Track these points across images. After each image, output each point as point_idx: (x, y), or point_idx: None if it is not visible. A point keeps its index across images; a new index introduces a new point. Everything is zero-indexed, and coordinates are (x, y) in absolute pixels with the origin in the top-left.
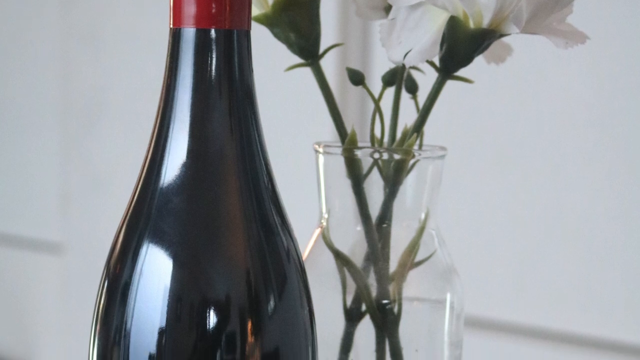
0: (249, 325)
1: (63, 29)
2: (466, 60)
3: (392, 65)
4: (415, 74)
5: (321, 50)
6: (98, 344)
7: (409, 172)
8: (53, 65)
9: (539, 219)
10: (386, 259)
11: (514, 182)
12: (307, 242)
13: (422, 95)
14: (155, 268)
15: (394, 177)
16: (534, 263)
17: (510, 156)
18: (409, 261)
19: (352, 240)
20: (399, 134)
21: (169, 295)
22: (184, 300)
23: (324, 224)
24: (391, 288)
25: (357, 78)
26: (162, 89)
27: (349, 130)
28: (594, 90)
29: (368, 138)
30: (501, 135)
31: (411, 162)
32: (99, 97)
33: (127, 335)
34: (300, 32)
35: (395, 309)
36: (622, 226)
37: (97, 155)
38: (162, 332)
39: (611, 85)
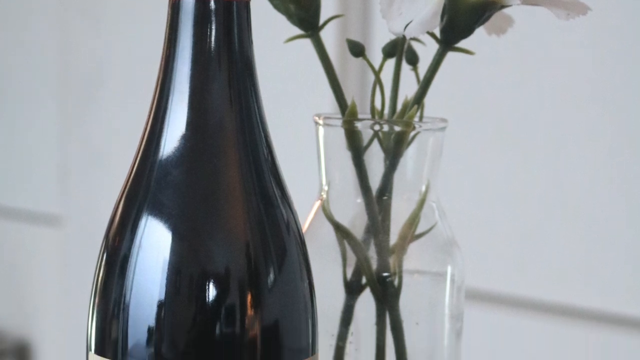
0: (249, 298)
1: (62, 1)
2: (467, 32)
3: (393, 37)
4: (415, 46)
5: (321, 21)
6: (97, 317)
7: (409, 144)
8: (51, 37)
9: (540, 191)
10: (386, 231)
11: (515, 154)
12: (307, 215)
13: (423, 66)
14: (155, 240)
15: (394, 149)
16: (535, 235)
17: (511, 128)
18: (410, 234)
19: (352, 212)
20: (399, 106)
21: (168, 268)
22: (183, 273)
23: (324, 196)
24: (391, 261)
25: (357, 49)
26: (161, 61)
27: (349, 102)
28: (595, 62)
29: (368, 110)
30: (502, 107)
31: (412, 134)
32: (98, 69)
33: (126, 308)
34: (300, 3)
35: (396, 282)
36: (624, 200)
37: (96, 128)
38: (161, 305)
39: (613, 58)
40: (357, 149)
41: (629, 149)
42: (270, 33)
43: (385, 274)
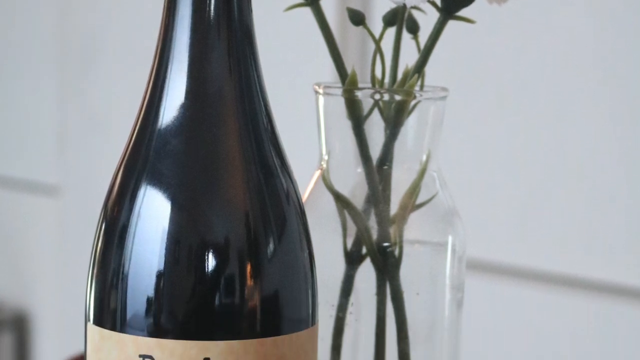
0: (248, 268)
1: None
2: (468, 0)
3: (393, 5)
4: (416, 14)
5: None
6: (95, 287)
7: (410, 113)
8: (50, 4)
9: (541, 161)
10: (387, 201)
11: (516, 124)
12: (307, 184)
13: (424, 35)
14: (153, 210)
15: (394, 119)
16: (536, 205)
17: (512, 97)
18: (410, 203)
19: (352, 182)
20: (400, 75)
21: (167, 238)
22: (183, 243)
23: (324, 165)
24: (392, 231)
25: (357, 18)
26: (160, 29)
27: (349, 71)
28: (596, 28)
29: (369, 79)
30: (503, 76)
31: (412, 103)
32: (97, 37)
33: (125, 279)
34: None
35: (396, 252)
36: (626, 168)
37: (94, 96)
38: (160, 275)
39: (614, 24)
40: (357, 118)
41: (630, 116)
42: (269, 1)
43: (385, 244)
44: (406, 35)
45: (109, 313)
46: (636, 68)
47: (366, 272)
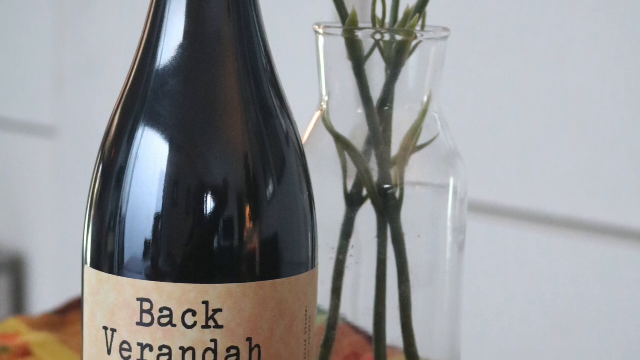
0: (247, 210)
1: None
2: None
3: None
4: None
5: None
6: (93, 230)
7: (411, 53)
8: None
9: (544, 101)
10: (388, 142)
11: (518, 64)
12: (306, 126)
13: None
14: (151, 152)
15: (395, 59)
16: (539, 146)
17: (514, 37)
18: (411, 145)
19: (352, 123)
20: (400, 15)
21: (166, 180)
22: (181, 185)
23: (324, 106)
24: (393, 172)
25: None
26: None
27: (349, 10)
28: None
29: (369, 19)
30: (506, 16)
31: (413, 43)
32: None
33: (122, 221)
34: None
35: (397, 194)
36: (630, 109)
37: (91, 36)
38: (158, 218)
39: None
40: (357, 59)
41: (634, 54)
42: None
43: (386, 186)
44: None
45: (107, 256)
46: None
47: (367, 215)
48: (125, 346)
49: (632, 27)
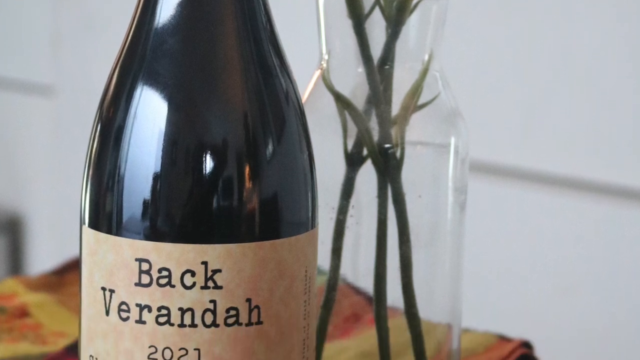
0: (247, 169)
1: None
2: None
3: None
4: None
5: None
6: (91, 190)
7: (412, 11)
8: None
9: (546, 60)
10: (388, 101)
11: (520, 22)
12: (306, 85)
13: None
14: (150, 111)
15: (396, 17)
16: (541, 105)
17: None
18: (412, 104)
19: (353, 82)
20: None
21: (164, 139)
22: (180, 144)
23: (324, 65)
24: (393, 132)
25: None
26: None
27: None
28: None
29: None
30: None
31: (414, 1)
32: None
33: (121, 181)
34: None
35: (398, 154)
36: (632, 68)
37: None
38: (157, 177)
39: None
40: (358, 17)
41: (636, 13)
42: None
43: (387, 146)
44: None
45: (105, 216)
46: None
47: (367, 174)
48: (124, 307)
49: None
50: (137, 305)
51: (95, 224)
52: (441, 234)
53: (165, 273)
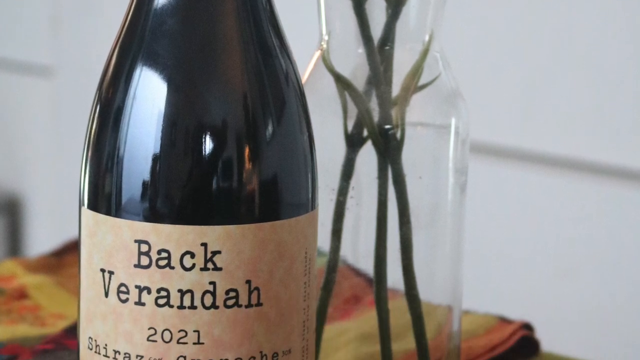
0: (246, 151)
1: None
2: None
3: None
4: None
5: None
6: (90, 171)
7: None
8: None
9: (547, 41)
10: (388, 82)
11: (521, 2)
12: (306, 65)
13: None
14: (149, 92)
15: None
16: (542, 86)
17: None
18: (412, 85)
19: (353, 63)
20: None
21: (164, 120)
22: (179, 125)
23: (324, 46)
24: (394, 113)
25: None
26: None
27: None
28: None
29: None
30: None
31: None
32: None
33: (120, 162)
34: None
35: (398, 135)
36: (633, 49)
37: None
38: (156, 159)
39: None
40: None
41: None
42: None
43: (387, 127)
44: None
45: (104, 197)
46: None
47: (367, 155)
48: (123, 288)
49: None
50: (136, 286)
51: (94, 206)
52: (441, 215)
53: (164, 254)
